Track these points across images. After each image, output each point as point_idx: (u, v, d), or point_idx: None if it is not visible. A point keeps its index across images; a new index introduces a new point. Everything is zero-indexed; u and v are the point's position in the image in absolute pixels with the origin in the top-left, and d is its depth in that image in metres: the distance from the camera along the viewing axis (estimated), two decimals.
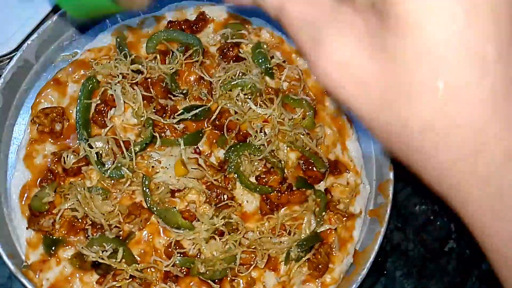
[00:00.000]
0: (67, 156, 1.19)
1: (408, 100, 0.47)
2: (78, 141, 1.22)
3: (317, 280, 1.23)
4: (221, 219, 1.18)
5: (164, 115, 1.27)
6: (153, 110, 1.25)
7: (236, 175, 1.24)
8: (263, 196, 1.24)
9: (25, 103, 1.30)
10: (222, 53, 1.35)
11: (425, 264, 1.35)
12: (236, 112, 1.28)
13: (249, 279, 1.19)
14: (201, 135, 1.27)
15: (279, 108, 1.28)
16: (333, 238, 1.26)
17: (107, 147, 1.20)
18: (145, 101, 1.26)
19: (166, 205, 1.20)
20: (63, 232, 1.17)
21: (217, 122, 1.27)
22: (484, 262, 1.37)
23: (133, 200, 1.21)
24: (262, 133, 1.27)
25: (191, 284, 1.17)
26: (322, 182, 1.29)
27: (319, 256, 1.22)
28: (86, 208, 1.15)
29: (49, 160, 1.22)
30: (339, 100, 0.52)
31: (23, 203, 1.20)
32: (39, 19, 1.31)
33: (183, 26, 1.36)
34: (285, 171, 1.26)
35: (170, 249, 1.17)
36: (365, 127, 0.53)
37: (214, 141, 1.28)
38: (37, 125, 1.23)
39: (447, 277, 1.35)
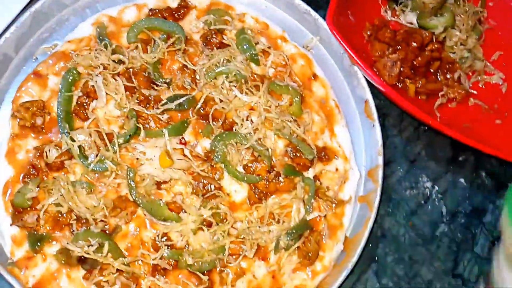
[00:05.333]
0: (49, 150, 1.16)
1: None
2: (60, 135, 1.19)
3: (307, 268, 1.21)
4: (208, 209, 1.16)
5: (147, 105, 1.24)
6: (136, 101, 1.23)
7: (223, 164, 1.22)
8: (251, 185, 1.22)
9: (5, 98, 1.27)
10: (205, 40, 1.32)
11: (416, 249, 1.34)
12: (221, 101, 1.25)
13: (238, 269, 1.17)
14: (186, 125, 1.25)
15: (265, 95, 1.26)
16: (323, 226, 1.24)
17: (89, 140, 1.18)
18: (127, 92, 1.24)
19: (152, 197, 1.18)
20: (48, 227, 1.15)
21: (202, 111, 1.25)
22: (476, 245, 1.36)
23: (118, 193, 1.19)
24: (248, 121, 1.24)
25: (180, 276, 1.15)
26: (310, 169, 1.27)
27: (309, 244, 1.21)
28: (70, 203, 1.13)
29: (31, 155, 1.19)
30: None
31: (6, 199, 1.17)
32: (16, 11, 1.28)
33: (165, 14, 1.33)
34: (273, 159, 1.24)
35: (157, 242, 1.16)
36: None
37: (200, 130, 1.25)
38: (18, 120, 1.20)
39: (438, 262, 1.33)
